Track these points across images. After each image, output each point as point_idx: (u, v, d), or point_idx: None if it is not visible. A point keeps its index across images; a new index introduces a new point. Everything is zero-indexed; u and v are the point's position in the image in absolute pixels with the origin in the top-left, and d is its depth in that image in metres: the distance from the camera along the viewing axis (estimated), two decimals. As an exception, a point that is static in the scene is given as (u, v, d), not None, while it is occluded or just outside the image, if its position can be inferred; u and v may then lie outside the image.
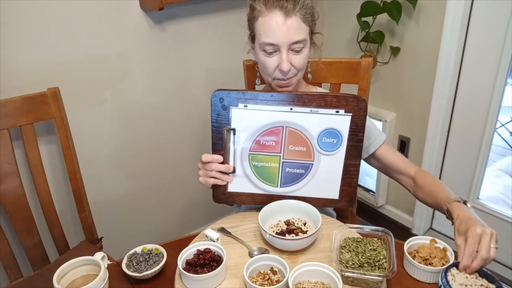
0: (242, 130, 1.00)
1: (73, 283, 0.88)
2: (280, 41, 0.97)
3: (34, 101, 1.23)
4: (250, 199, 1.06)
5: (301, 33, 0.98)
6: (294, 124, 0.99)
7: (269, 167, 1.03)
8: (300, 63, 1.01)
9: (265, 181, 1.04)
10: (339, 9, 1.94)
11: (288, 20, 0.96)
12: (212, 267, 0.86)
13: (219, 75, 1.84)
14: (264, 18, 0.97)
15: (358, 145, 0.99)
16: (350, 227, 0.95)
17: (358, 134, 0.98)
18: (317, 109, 0.97)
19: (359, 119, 0.97)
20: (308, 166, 1.02)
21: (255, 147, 1.01)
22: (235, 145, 1.01)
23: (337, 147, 0.99)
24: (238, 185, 1.05)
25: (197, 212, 2.02)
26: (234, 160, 1.03)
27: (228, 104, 0.98)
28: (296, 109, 0.97)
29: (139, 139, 1.71)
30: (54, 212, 1.32)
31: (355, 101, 0.96)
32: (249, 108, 0.98)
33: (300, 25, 0.97)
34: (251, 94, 0.97)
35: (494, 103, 1.61)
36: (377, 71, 1.88)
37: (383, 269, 0.84)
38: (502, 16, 1.48)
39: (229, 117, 0.99)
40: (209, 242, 0.92)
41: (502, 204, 1.81)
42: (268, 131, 1.00)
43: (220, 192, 1.06)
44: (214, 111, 0.99)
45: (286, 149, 1.01)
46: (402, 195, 2.02)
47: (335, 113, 0.97)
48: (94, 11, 1.43)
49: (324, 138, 0.99)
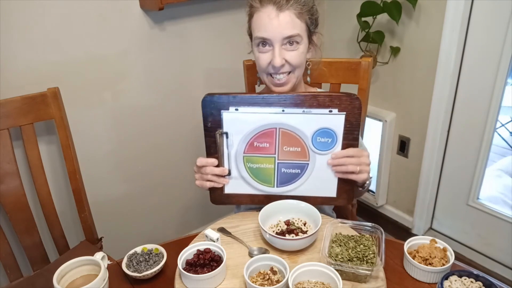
0: (234, 133, 1.00)
1: (73, 283, 0.88)
2: (272, 35, 0.97)
3: (34, 101, 1.23)
4: (248, 200, 1.06)
5: (294, 28, 0.97)
6: (287, 125, 0.98)
7: (264, 168, 1.03)
8: (294, 59, 1.01)
9: (262, 182, 1.04)
10: (339, 9, 1.94)
11: (280, 15, 0.96)
12: (212, 267, 0.86)
13: (219, 76, 1.84)
14: (258, 14, 0.99)
15: (353, 144, 0.99)
16: (342, 223, 0.96)
17: (353, 133, 0.98)
18: (309, 110, 0.96)
19: (353, 117, 0.96)
20: (304, 166, 1.02)
21: (249, 149, 1.01)
22: (229, 148, 1.01)
23: (332, 146, 0.99)
24: (235, 187, 1.05)
25: (197, 212, 2.02)
26: (229, 163, 1.03)
27: (219, 108, 0.98)
28: (288, 110, 0.97)
29: (139, 139, 1.71)
30: (54, 212, 1.32)
31: (349, 100, 0.95)
32: (240, 111, 0.98)
33: (293, 20, 0.97)
34: (241, 97, 0.97)
35: (494, 103, 1.61)
36: (377, 71, 1.88)
37: (371, 264, 0.85)
38: (502, 16, 1.48)
39: (221, 121, 0.99)
40: (209, 242, 0.92)
41: (502, 204, 1.81)
42: (261, 133, 0.99)
43: (217, 194, 1.06)
44: (205, 115, 0.99)
45: (280, 150, 1.01)
46: (402, 195, 2.02)
47: (329, 112, 0.96)
48: (94, 11, 1.43)
49: (319, 138, 0.99)
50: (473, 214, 1.81)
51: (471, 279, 0.82)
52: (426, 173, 1.83)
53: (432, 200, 1.91)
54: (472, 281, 0.82)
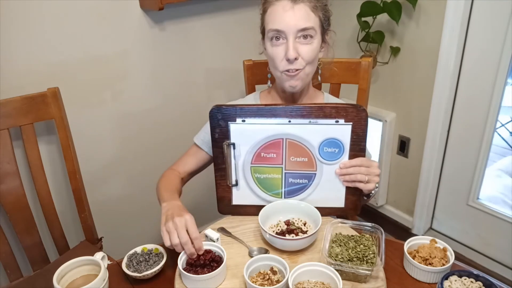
0: (242, 144, 1.00)
1: (73, 283, 0.88)
2: (287, 27, 0.97)
3: (34, 101, 1.23)
4: (255, 211, 1.04)
5: (309, 21, 0.97)
6: (293, 135, 0.98)
7: (272, 179, 1.03)
8: (308, 54, 1.00)
9: (269, 192, 1.04)
10: (339, 9, 1.94)
11: (295, 7, 0.96)
12: (212, 268, 0.86)
13: (219, 75, 1.84)
14: (272, 7, 0.99)
15: (360, 155, 0.98)
16: (342, 223, 0.96)
17: (360, 144, 0.97)
18: (316, 120, 0.96)
19: (360, 128, 0.96)
20: (311, 176, 1.01)
21: (256, 160, 1.02)
22: (236, 159, 1.02)
23: (339, 156, 0.99)
24: (242, 198, 1.05)
25: (197, 212, 2.01)
26: (236, 173, 1.03)
27: (226, 119, 0.98)
28: (294, 121, 0.97)
29: (139, 139, 1.71)
30: (54, 212, 1.32)
31: (355, 111, 0.95)
32: (247, 123, 0.98)
33: (308, 14, 0.97)
34: (248, 108, 0.98)
35: (494, 103, 1.61)
36: (377, 71, 1.88)
37: (371, 264, 0.84)
38: (502, 16, 1.48)
39: (228, 132, 0.99)
40: (209, 243, 0.91)
41: (502, 204, 1.81)
42: (268, 143, 1.00)
43: (224, 205, 1.07)
44: (213, 126, 1.00)
45: (287, 160, 1.01)
46: (402, 195, 2.02)
47: (335, 123, 0.96)
48: (94, 11, 1.43)
49: (326, 148, 0.98)
50: (473, 214, 1.81)
51: (471, 279, 0.82)
52: (426, 173, 1.83)
53: (432, 200, 1.91)
54: (472, 281, 0.82)
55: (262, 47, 1.09)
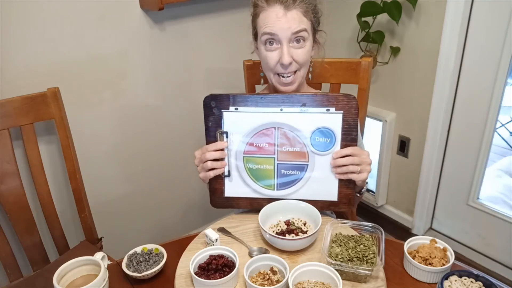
0: (234, 132, 1.01)
1: (73, 283, 0.88)
2: (281, 32, 0.98)
3: (34, 101, 1.23)
4: (247, 203, 1.06)
5: (301, 24, 0.98)
6: (285, 125, 0.99)
7: (264, 169, 1.03)
8: (301, 57, 1.01)
9: (261, 184, 1.04)
10: (339, 9, 1.94)
11: (288, 13, 0.97)
12: (224, 273, 0.86)
13: (219, 75, 1.84)
14: (265, 13, 1.00)
15: (352, 145, 0.99)
16: (342, 223, 0.96)
17: (352, 133, 0.98)
18: (307, 108, 0.97)
19: (350, 117, 0.97)
20: (303, 167, 1.02)
21: (249, 150, 1.02)
22: (229, 149, 1.02)
23: (331, 147, 0.99)
24: (235, 190, 1.05)
25: (197, 212, 2.02)
26: (229, 163, 1.03)
27: (219, 107, 1.00)
28: (286, 109, 0.98)
29: (139, 139, 1.71)
30: (54, 212, 1.32)
31: (345, 100, 0.96)
32: (240, 111, 0.99)
33: (300, 18, 0.98)
34: (241, 96, 0.99)
35: (494, 103, 1.61)
36: (377, 71, 1.88)
37: (371, 264, 0.85)
38: (502, 16, 1.48)
39: (221, 120, 1.00)
40: (223, 247, 0.90)
41: (502, 204, 1.81)
42: (260, 132, 1.00)
43: (217, 197, 1.07)
44: (206, 115, 1.01)
45: (279, 150, 1.01)
46: (402, 195, 2.02)
47: (326, 111, 0.97)
48: (94, 11, 1.43)
49: (317, 137, 0.99)
50: (473, 214, 1.81)
51: (471, 279, 0.82)
52: (426, 173, 1.83)
53: (432, 200, 1.91)
54: (472, 281, 0.82)
55: (254, 46, 1.11)
